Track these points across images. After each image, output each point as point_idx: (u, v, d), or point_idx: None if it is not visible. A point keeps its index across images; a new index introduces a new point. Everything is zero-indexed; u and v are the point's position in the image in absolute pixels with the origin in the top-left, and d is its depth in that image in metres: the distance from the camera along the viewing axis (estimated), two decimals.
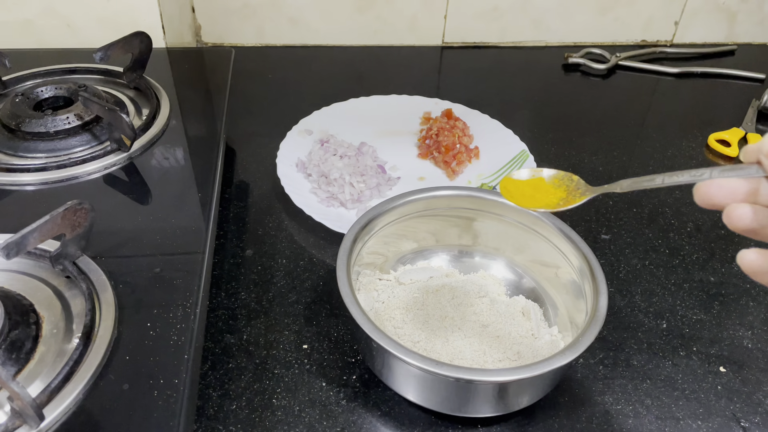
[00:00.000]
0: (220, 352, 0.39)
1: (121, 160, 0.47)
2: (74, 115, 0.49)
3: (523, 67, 0.79)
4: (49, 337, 0.33)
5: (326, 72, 0.75)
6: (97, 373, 0.31)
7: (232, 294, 0.44)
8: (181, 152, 0.49)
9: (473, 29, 0.81)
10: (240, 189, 0.55)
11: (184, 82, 0.59)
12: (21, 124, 0.48)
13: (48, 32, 0.63)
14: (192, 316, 0.34)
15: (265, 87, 0.71)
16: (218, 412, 0.36)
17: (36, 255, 0.37)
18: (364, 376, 0.38)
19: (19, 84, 0.56)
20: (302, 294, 0.44)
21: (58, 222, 0.34)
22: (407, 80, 0.73)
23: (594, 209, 0.54)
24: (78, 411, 0.29)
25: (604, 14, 0.81)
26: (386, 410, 0.37)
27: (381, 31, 0.80)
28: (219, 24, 0.77)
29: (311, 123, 0.60)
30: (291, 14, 0.77)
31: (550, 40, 0.83)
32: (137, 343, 0.33)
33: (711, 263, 0.49)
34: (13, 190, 0.44)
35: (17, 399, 0.27)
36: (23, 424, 0.28)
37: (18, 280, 0.36)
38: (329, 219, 0.49)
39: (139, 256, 0.38)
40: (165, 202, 0.44)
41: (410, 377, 0.33)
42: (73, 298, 0.35)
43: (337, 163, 0.54)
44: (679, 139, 0.65)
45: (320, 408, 0.36)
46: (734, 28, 0.84)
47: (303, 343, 0.40)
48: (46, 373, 0.31)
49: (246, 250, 0.48)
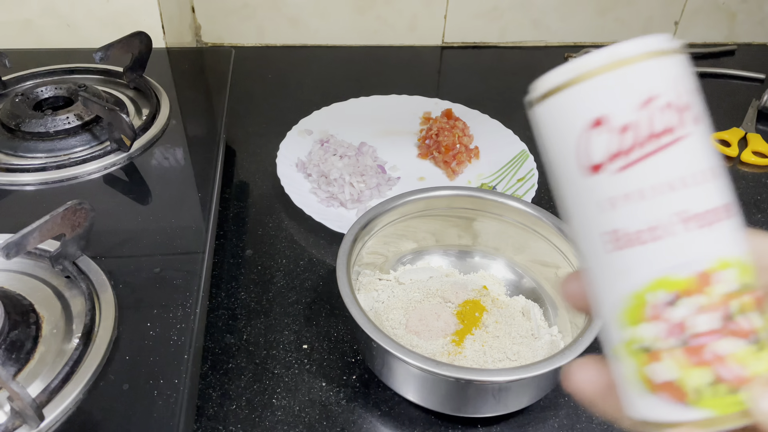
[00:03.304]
0: (220, 352, 0.39)
1: (121, 160, 0.47)
2: (74, 115, 0.49)
3: (523, 67, 0.79)
4: (48, 337, 0.33)
5: (326, 72, 0.75)
6: (97, 373, 0.31)
7: (232, 294, 0.44)
8: (180, 152, 0.49)
9: (473, 29, 0.81)
10: (240, 189, 0.55)
11: (184, 82, 0.59)
12: (21, 124, 0.48)
13: (48, 32, 0.63)
14: (192, 316, 0.34)
15: (264, 87, 0.71)
16: (218, 412, 0.36)
17: (36, 255, 0.37)
18: (364, 376, 0.38)
19: (19, 84, 0.56)
20: (302, 294, 0.44)
21: (58, 222, 0.34)
22: (407, 80, 0.73)
23: None
24: (78, 411, 0.29)
25: (604, 14, 0.81)
26: (386, 410, 0.37)
27: (381, 31, 0.80)
28: (219, 24, 0.77)
29: (311, 123, 0.60)
30: (291, 14, 0.77)
31: (550, 40, 0.83)
32: (137, 343, 0.33)
33: None
34: (13, 190, 0.44)
35: (17, 399, 0.27)
36: (23, 424, 0.28)
37: (18, 280, 0.36)
38: (329, 219, 0.48)
39: (139, 256, 0.38)
40: (165, 202, 0.44)
41: (410, 377, 0.33)
42: (73, 298, 0.35)
43: (337, 163, 0.54)
44: None
45: (320, 408, 0.36)
46: (734, 28, 0.83)
47: (303, 343, 0.40)
48: (45, 373, 0.31)
49: (246, 250, 0.48)
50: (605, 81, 0.16)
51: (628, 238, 0.16)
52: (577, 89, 0.16)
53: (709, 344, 0.16)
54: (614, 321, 0.17)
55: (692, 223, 0.16)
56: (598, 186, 0.16)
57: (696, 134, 0.16)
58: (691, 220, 0.16)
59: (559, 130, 0.17)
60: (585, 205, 0.17)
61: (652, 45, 0.16)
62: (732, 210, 0.17)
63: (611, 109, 0.16)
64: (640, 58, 0.16)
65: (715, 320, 0.16)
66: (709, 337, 0.16)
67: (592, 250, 0.17)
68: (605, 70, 0.16)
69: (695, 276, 0.16)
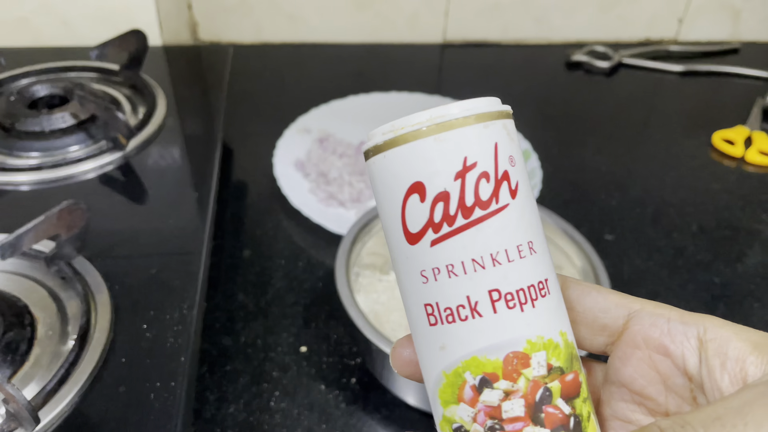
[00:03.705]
0: (217, 355, 0.39)
1: (117, 159, 0.46)
2: (70, 113, 0.48)
3: (525, 65, 0.78)
4: (44, 338, 0.33)
5: (325, 69, 0.74)
6: (92, 375, 0.30)
7: (229, 295, 0.43)
8: (177, 151, 0.48)
9: (474, 27, 0.80)
10: (238, 189, 0.54)
11: (181, 80, 0.59)
12: (16, 123, 0.47)
13: (43, 30, 0.62)
14: (189, 318, 0.34)
15: (262, 85, 0.70)
16: (216, 415, 0.35)
17: (31, 256, 0.37)
18: (364, 378, 0.38)
19: (14, 82, 0.56)
20: (301, 295, 0.44)
21: (54, 222, 0.34)
22: (407, 78, 0.72)
23: (597, 209, 0.53)
24: (74, 414, 0.29)
25: (607, 11, 0.80)
26: (386, 413, 0.36)
27: (381, 29, 0.79)
28: (216, 21, 0.77)
29: (310, 121, 0.59)
30: (289, 11, 0.77)
31: (552, 37, 0.82)
32: (133, 345, 0.32)
33: (715, 264, 0.48)
34: (8, 190, 0.44)
35: (12, 401, 0.27)
36: (18, 427, 0.28)
37: (13, 281, 0.36)
38: (328, 219, 0.48)
39: (136, 256, 0.38)
40: (161, 202, 0.43)
41: (410, 380, 0.33)
42: (69, 300, 0.35)
43: (336, 162, 0.53)
44: (683, 137, 0.64)
45: (319, 411, 0.36)
46: (738, 26, 0.83)
47: (301, 345, 0.40)
48: (41, 375, 0.31)
49: (243, 250, 0.47)
50: (423, 145, 0.15)
51: (441, 314, 0.16)
52: (399, 151, 0.16)
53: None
54: (434, 397, 0.16)
55: (502, 303, 0.15)
56: (416, 256, 0.16)
57: (512, 207, 0.16)
58: (502, 299, 0.15)
59: (384, 192, 0.16)
60: (408, 273, 0.16)
61: (475, 109, 0.16)
62: (550, 285, 0.16)
63: (427, 177, 0.15)
64: (459, 123, 0.15)
65: (520, 407, 0.15)
66: (514, 425, 0.15)
67: (416, 320, 0.17)
68: (425, 134, 0.15)
69: (503, 359, 0.15)
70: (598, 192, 0.55)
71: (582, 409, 0.16)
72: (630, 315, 0.17)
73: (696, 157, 0.61)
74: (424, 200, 0.15)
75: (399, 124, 0.16)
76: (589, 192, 0.55)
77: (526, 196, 0.16)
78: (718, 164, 0.60)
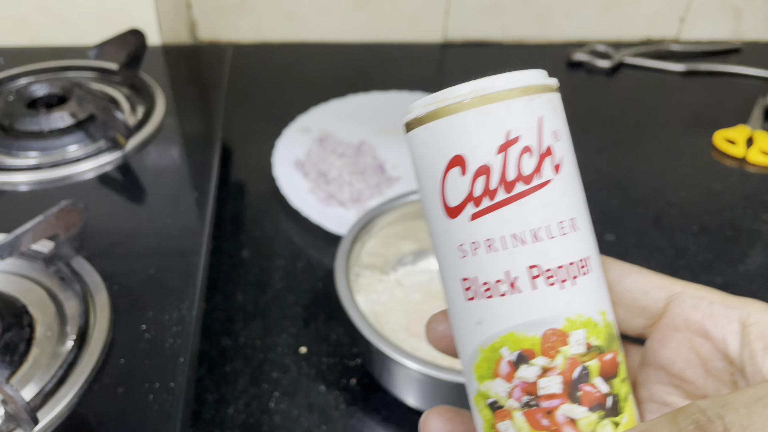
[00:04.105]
0: (216, 355, 0.39)
1: (115, 159, 0.46)
2: (68, 113, 0.48)
3: (526, 65, 0.78)
4: (42, 339, 0.33)
5: (325, 69, 0.74)
6: (91, 376, 0.30)
7: (228, 296, 0.43)
8: (176, 151, 0.48)
9: (475, 26, 0.80)
10: (237, 189, 0.54)
11: (180, 80, 0.58)
12: (14, 122, 0.47)
13: (42, 29, 0.62)
14: (188, 319, 0.34)
15: (262, 84, 0.70)
16: (215, 417, 0.35)
17: (29, 256, 0.37)
18: (364, 379, 0.38)
19: (12, 82, 0.55)
20: (300, 296, 0.43)
21: (52, 222, 0.33)
22: (408, 77, 0.72)
23: (598, 209, 0.53)
24: (72, 414, 0.29)
25: (609, 10, 0.80)
26: (386, 415, 0.36)
27: (381, 28, 0.79)
28: (215, 20, 0.77)
29: (309, 121, 0.59)
30: (289, 10, 0.76)
31: (553, 36, 0.82)
32: (132, 346, 0.32)
33: (717, 264, 0.48)
34: (6, 190, 0.43)
35: (11, 402, 0.27)
36: (17, 427, 0.28)
37: (11, 281, 0.36)
38: (328, 219, 0.48)
39: (134, 257, 0.38)
40: (160, 202, 0.43)
41: (411, 381, 0.33)
42: (67, 300, 0.35)
43: (335, 162, 0.53)
44: (685, 136, 0.64)
45: (319, 412, 0.36)
46: (740, 26, 0.83)
47: (301, 346, 0.40)
48: (39, 375, 0.31)
49: (243, 251, 0.47)
50: (466, 118, 0.15)
51: (479, 289, 0.15)
52: (440, 124, 0.15)
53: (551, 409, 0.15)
54: (469, 371, 0.16)
55: (542, 279, 0.15)
56: (455, 230, 0.15)
57: (555, 183, 0.15)
58: (542, 276, 0.15)
59: (424, 165, 0.16)
60: (446, 247, 0.16)
61: (519, 81, 0.15)
62: (591, 264, 0.16)
63: (468, 150, 0.15)
64: (503, 96, 0.15)
65: (557, 384, 0.15)
66: (551, 402, 0.15)
67: (453, 295, 0.16)
68: (467, 106, 0.15)
69: (541, 336, 0.15)
70: (599, 192, 0.55)
71: (620, 389, 0.16)
72: (671, 297, 0.16)
73: (697, 157, 0.61)
74: (465, 173, 0.15)
75: (441, 96, 0.15)
76: (590, 192, 0.55)
77: (570, 172, 0.16)
78: (719, 164, 0.60)
